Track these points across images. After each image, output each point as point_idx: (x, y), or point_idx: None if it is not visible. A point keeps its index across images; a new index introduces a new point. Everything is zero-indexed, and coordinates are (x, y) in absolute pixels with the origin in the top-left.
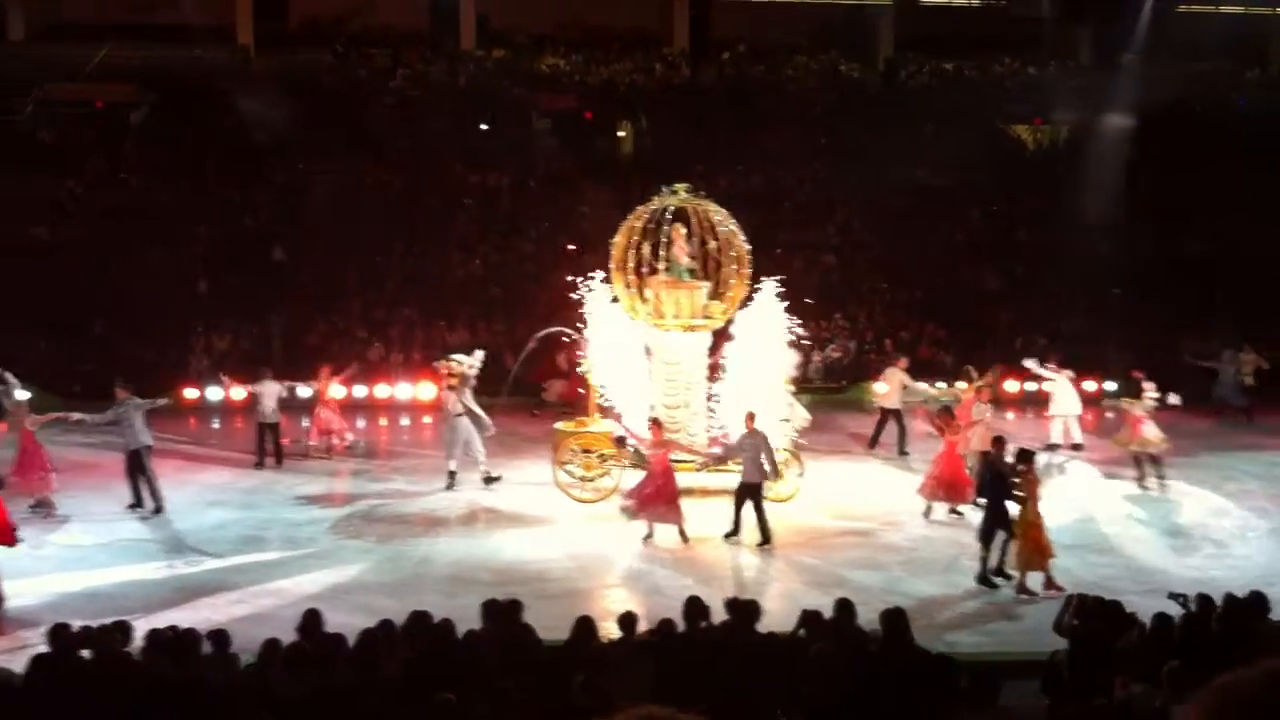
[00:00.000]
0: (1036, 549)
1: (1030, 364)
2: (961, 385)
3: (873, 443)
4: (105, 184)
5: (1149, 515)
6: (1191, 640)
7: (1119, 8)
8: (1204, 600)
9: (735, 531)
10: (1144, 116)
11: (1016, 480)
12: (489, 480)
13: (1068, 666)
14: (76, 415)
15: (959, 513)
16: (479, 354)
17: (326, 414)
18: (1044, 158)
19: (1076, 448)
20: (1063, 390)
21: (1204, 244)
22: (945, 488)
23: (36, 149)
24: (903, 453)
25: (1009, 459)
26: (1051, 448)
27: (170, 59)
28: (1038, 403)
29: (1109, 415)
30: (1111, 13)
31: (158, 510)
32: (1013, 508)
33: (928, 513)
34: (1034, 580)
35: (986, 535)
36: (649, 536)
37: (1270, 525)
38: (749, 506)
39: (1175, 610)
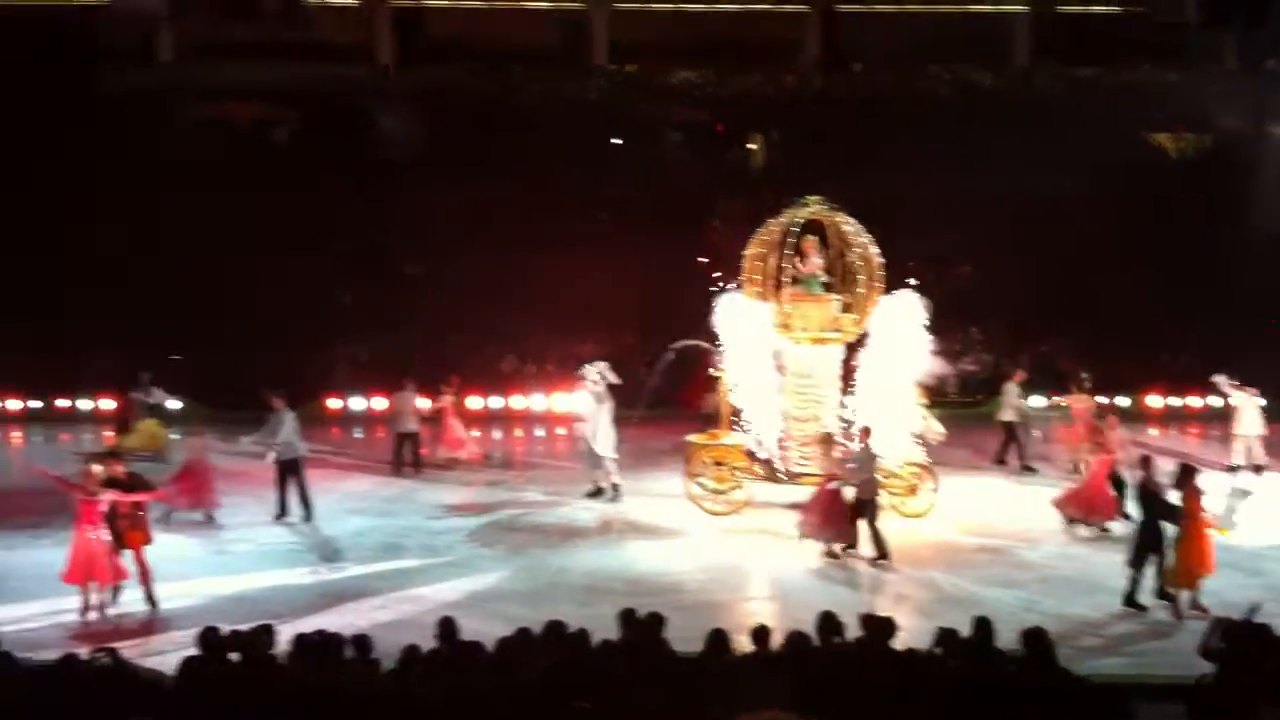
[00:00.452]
0: (1194, 566)
1: (1219, 380)
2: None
3: (998, 458)
4: (249, 198)
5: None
6: None
7: (1265, 11)
8: None
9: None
10: None
11: (1173, 499)
12: (595, 492)
13: (1215, 692)
14: (250, 441)
15: (1106, 529)
16: (602, 364)
17: (454, 424)
18: (1187, 166)
19: (1258, 469)
20: (1247, 410)
21: None
22: (1084, 506)
23: (184, 166)
24: (1025, 468)
25: (1163, 477)
26: (1233, 469)
27: (312, 77)
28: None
29: None
30: (1258, 16)
31: (307, 519)
32: (1169, 529)
33: (1071, 525)
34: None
35: (1138, 557)
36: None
37: None
38: (865, 523)
39: None
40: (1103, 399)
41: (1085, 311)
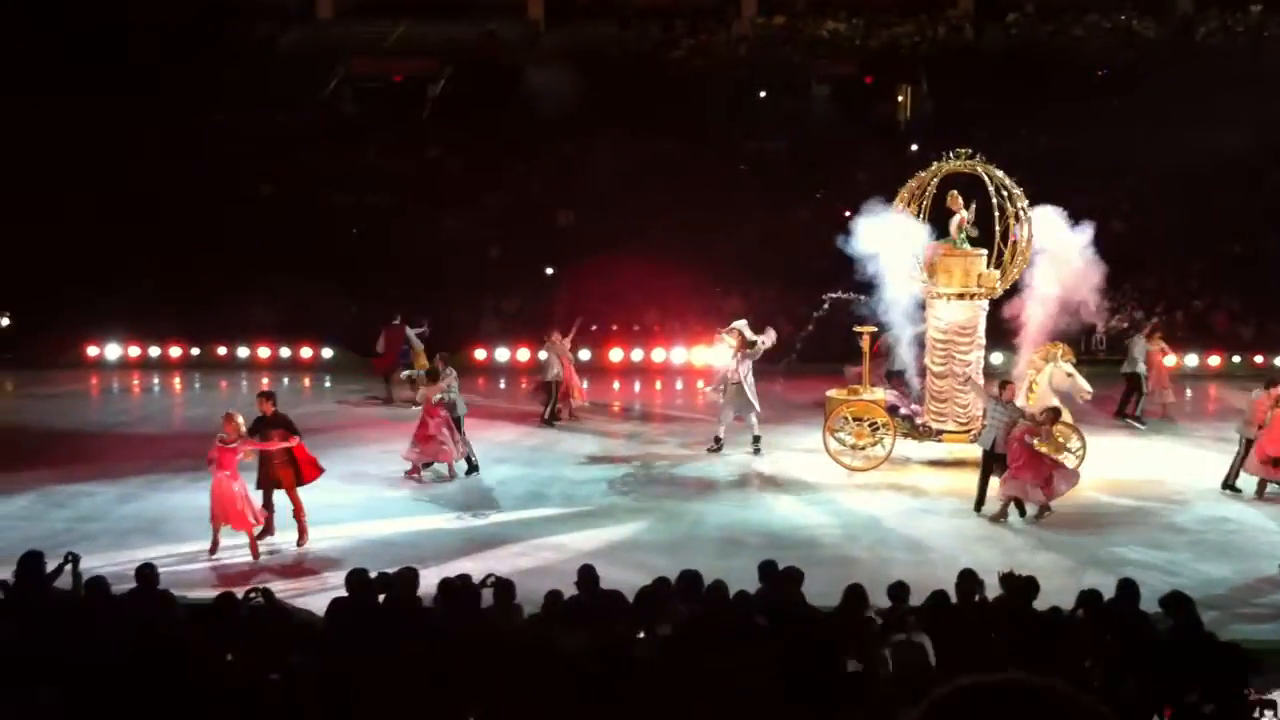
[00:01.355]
0: None
1: None
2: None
3: (1119, 412)
4: (404, 154)
5: None
6: None
7: None
8: None
9: (980, 504)
10: None
11: None
12: (757, 450)
13: None
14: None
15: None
16: (771, 333)
17: (568, 376)
18: None
19: None
20: None
21: None
22: (1270, 464)
23: (341, 121)
24: (1133, 418)
25: None
26: None
27: (465, 34)
28: None
29: None
30: None
31: (470, 471)
32: None
33: (1260, 491)
34: None
35: None
36: (1001, 516)
37: None
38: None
39: None
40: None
41: (1247, 268)
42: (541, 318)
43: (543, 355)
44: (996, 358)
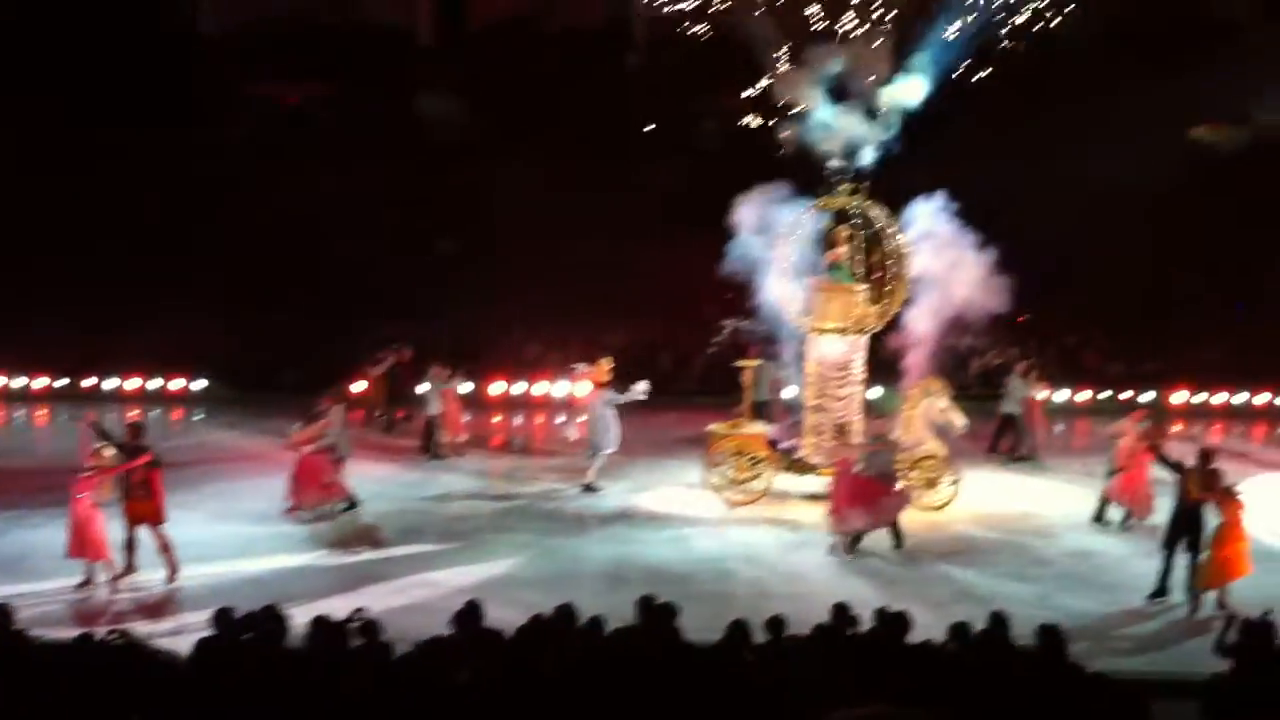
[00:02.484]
0: (1226, 569)
1: None
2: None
3: (991, 447)
4: (288, 180)
5: None
6: None
7: None
8: None
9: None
10: None
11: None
12: (589, 489)
13: (1229, 689)
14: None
15: (1129, 525)
16: (642, 386)
17: (451, 410)
18: (1225, 161)
19: None
20: None
21: None
22: (1130, 494)
23: (231, 144)
24: (1018, 458)
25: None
26: None
27: (355, 59)
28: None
29: None
30: None
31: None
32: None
33: (1100, 516)
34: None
35: (1170, 540)
36: (852, 545)
37: None
38: None
39: None
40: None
41: (1115, 306)
42: (422, 350)
43: (422, 389)
44: (875, 392)
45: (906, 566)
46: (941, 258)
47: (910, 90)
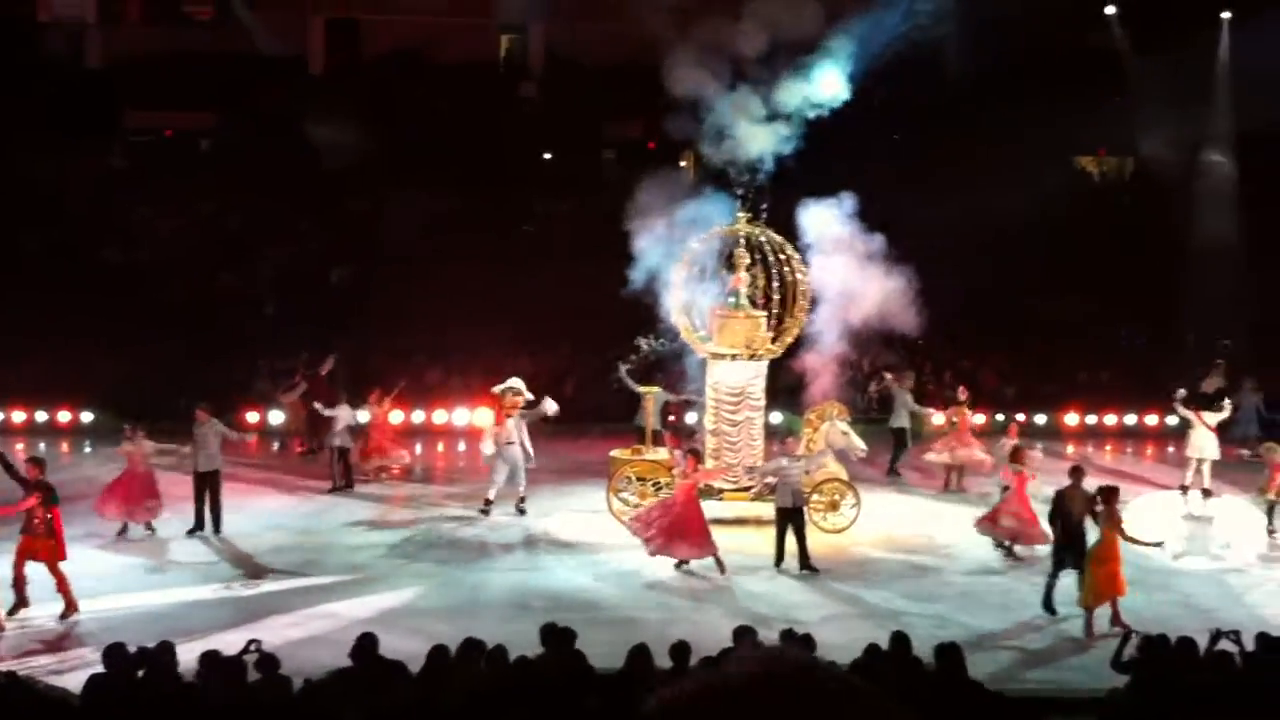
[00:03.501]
0: (1103, 587)
1: (1177, 404)
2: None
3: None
4: (177, 209)
5: (1233, 556)
6: (1253, 679)
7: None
8: (1262, 638)
9: (780, 560)
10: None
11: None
12: (522, 510)
13: (1126, 704)
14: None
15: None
16: (550, 403)
17: (378, 437)
18: (1112, 189)
19: (1206, 493)
20: (1200, 433)
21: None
22: (1012, 529)
23: (111, 174)
24: (891, 472)
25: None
26: (1183, 489)
27: (243, 87)
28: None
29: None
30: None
31: (217, 531)
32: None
33: (1003, 546)
34: (1101, 616)
35: (1057, 562)
36: (682, 563)
37: None
38: (790, 533)
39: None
40: (1020, 416)
41: (1009, 329)
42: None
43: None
44: (776, 417)
45: (810, 589)
46: (840, 261)
47: (827, 86)
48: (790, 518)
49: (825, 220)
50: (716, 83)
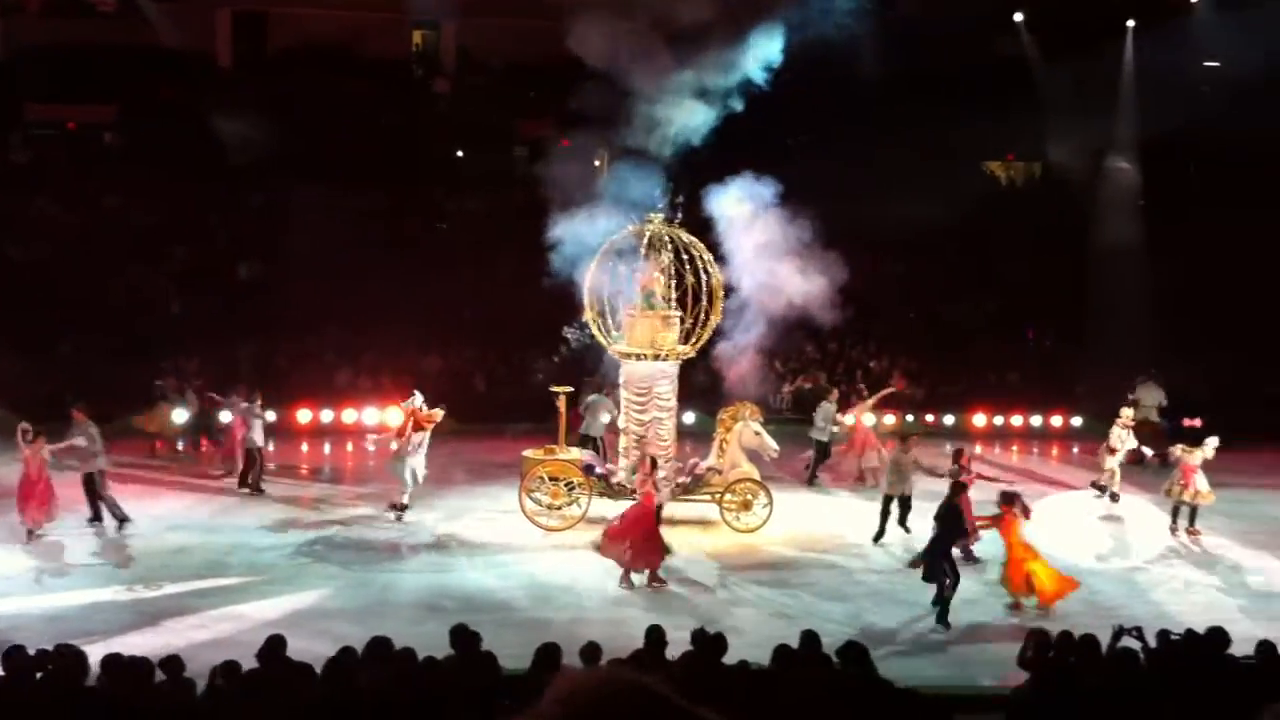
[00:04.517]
0: (1020, 579)
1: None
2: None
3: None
4: (79, 204)
5: (1133, 554)
6: (1155, 675)
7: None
8: (1163, 635)
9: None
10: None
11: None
12: (400, 511)
13: (1030, 702)
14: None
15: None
16: (438, 411)
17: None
18: (1020, 193)
19: (1114, 498)
20: (1116, 436)
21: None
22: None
23: (12, 169)
24: (812, 481)
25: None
26: (1100, 489)
27: (148, 80)
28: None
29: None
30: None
31: (122, 523)
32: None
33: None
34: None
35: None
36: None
37: (1233, 561)
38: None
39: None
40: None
41: (918, 332)
42: (226, 377)
43: (224, 417)
44: (689, 418)
45: (722, 589)
46: (753, 249)
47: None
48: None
49: (739, 209)
50: (630, 61)
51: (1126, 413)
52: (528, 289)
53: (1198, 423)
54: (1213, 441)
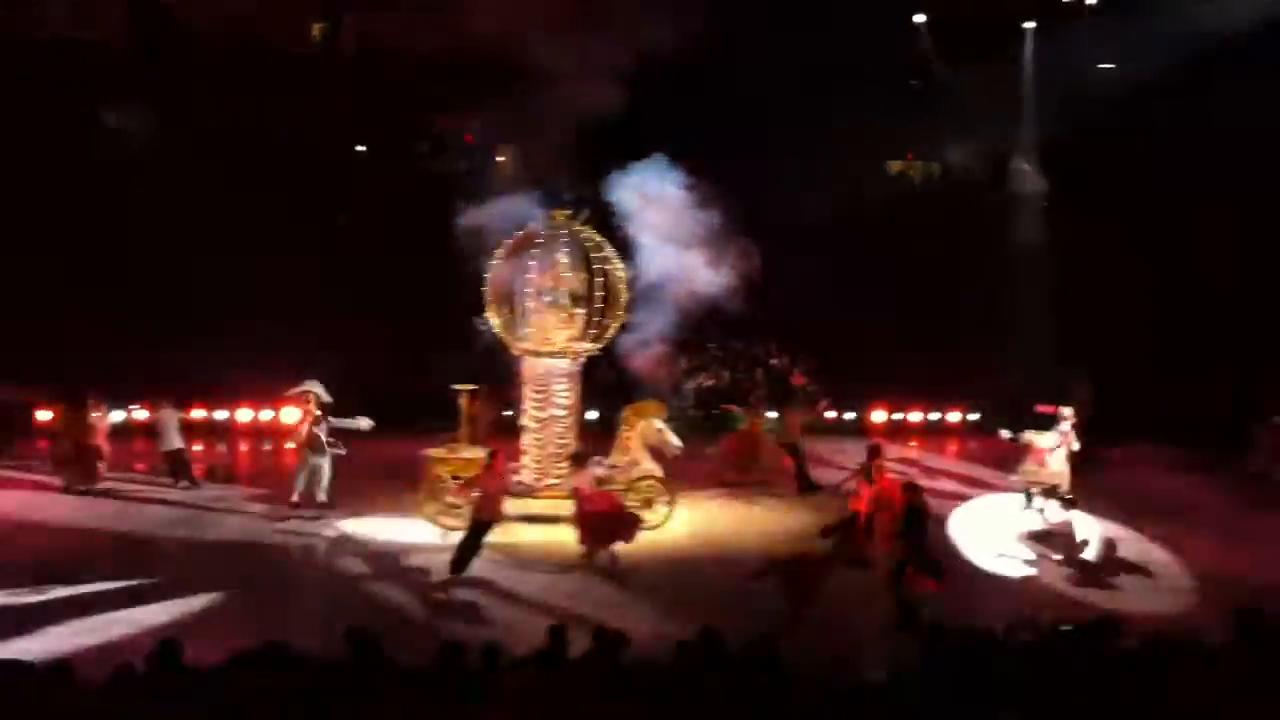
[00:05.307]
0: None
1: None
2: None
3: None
4: None
5: (1021, 544)
6: (1047, 665)
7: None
8: (1055, 626)
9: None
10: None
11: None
12: (304, 509)
13: (923, 695)
14: None
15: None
16: (365, 421)
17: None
18: (924, 192)
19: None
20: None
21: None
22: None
23: None
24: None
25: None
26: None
27: (37, 66)
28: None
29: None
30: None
31: None
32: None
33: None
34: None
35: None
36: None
37: (1139, 549)
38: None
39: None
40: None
41: (819, 329)
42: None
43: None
44: (592, 415)
45: (624, 586)
46: (658, 233)
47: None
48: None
49: (642, 200)
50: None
51: (1066, 411)
52: (432, 284)
53: (1051, 409)
54: (1067, 419)
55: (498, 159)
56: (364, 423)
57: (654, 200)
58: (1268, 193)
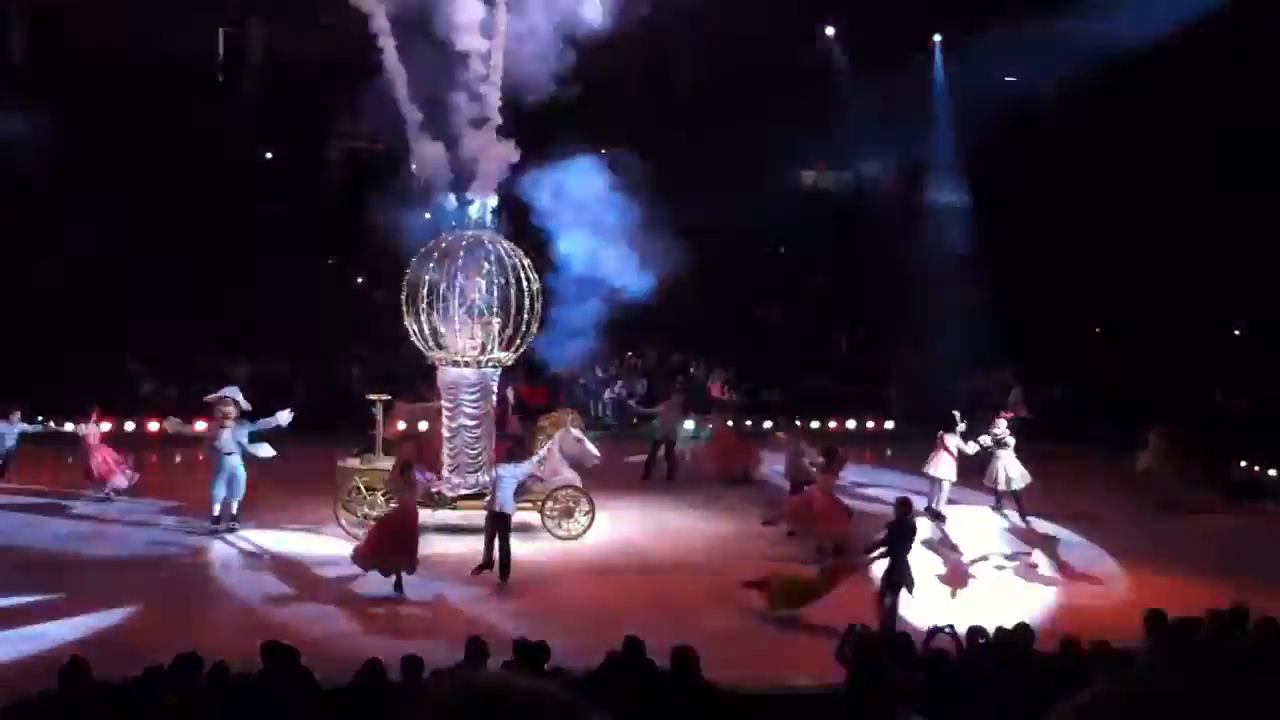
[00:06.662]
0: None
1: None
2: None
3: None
4: None
5: (942, 551)
6: (965, 671)
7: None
8: (973, 632)
9: (486, 566)
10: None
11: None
12: (231, 525)
13: (847, 698)
14: None
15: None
16: (285, 415)
17: (103, 454)
18: (831, 201)
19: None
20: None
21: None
22: (814, 521)
23: None
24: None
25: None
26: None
27: None
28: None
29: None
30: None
31: None
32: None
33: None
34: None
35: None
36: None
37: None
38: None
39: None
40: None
41: (736, 337)
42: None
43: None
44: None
45: (545, 596)
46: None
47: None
48: (500, 521)
49: (557, 202)
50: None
51: (1001, 424)
52: (342, 292)
53: (955, 414)
54: (959, 425)
55: (412, 166)
56: (284, 416)
57: (572, 199)
58: (1181, 194)
